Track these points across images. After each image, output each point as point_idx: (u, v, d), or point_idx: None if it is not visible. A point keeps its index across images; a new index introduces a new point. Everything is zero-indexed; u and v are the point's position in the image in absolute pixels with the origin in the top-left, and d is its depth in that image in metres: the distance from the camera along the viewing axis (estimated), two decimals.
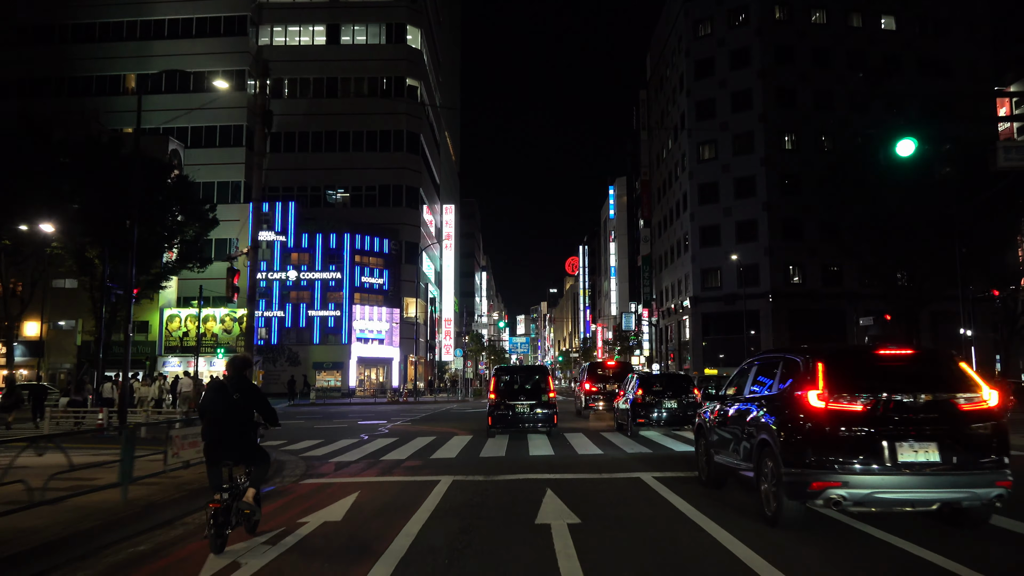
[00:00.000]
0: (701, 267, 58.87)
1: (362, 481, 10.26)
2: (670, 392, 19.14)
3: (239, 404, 6.42)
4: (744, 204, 56.55)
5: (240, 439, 6.46)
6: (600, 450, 14.32)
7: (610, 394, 25.80)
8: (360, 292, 52.56)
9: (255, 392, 6.60)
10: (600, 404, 25.92)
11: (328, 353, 51.23)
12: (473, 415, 28.65)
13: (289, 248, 52.30)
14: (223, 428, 6.41)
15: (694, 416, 18.67)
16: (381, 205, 56.10)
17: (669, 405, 18.93)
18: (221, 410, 6.41)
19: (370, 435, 18.47)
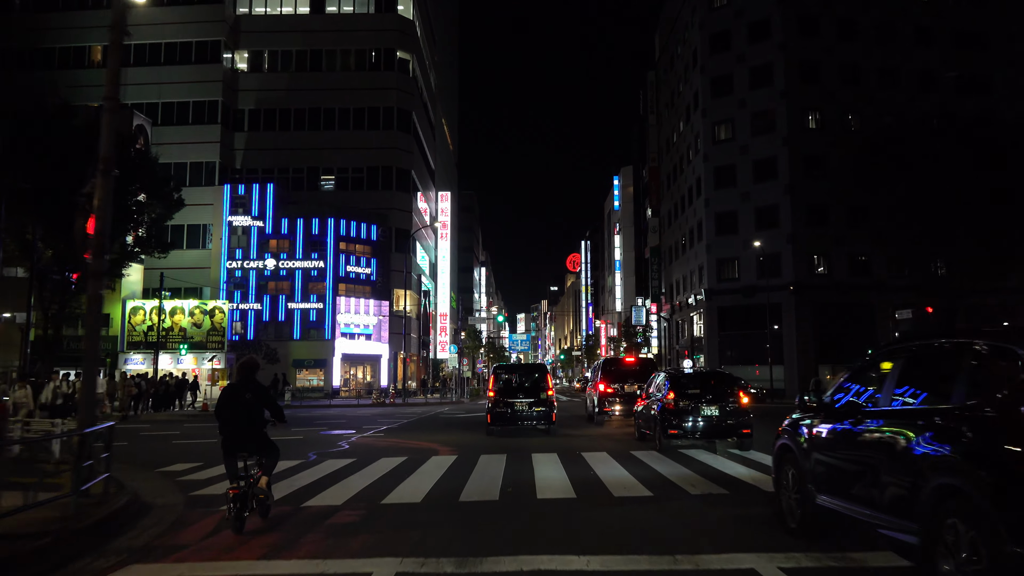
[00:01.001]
0: (717, 257, 54.36)
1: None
2: (709, 395, 14.79)
3: (251, 403, 7.22)
4: (764, 188, 52.12)
5: (253, 433, 7.23)
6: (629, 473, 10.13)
7: (629, 396, 21.34)
8: (345, 283, 47.99)
9: (265, 392, 7.44)
10: (617, 408, 21.40)
11: (309, 349, 46.69)
12: (466, 421, 24.10)
13: (267, 234, 47.73)
14: (238, 424, 7.18)
15: (738, 426, 14.30)
16: (369, 188, 51.52)
17: (708, 412, 14.53)
18: (235, 408, 7.18)
19: (322, 453, 13.89)
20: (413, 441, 16.16)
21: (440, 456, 13.01)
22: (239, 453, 7.18)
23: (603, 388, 21.52)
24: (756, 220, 52.40)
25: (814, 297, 49.78)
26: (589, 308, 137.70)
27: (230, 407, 7.20)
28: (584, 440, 16.71)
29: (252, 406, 7.20)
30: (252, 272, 47.32)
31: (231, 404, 7.20)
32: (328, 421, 23.79)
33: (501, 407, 17.96)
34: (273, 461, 7.45)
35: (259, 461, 7.36)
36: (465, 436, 17.27)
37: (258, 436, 7.26)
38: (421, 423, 23.11)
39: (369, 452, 13.91)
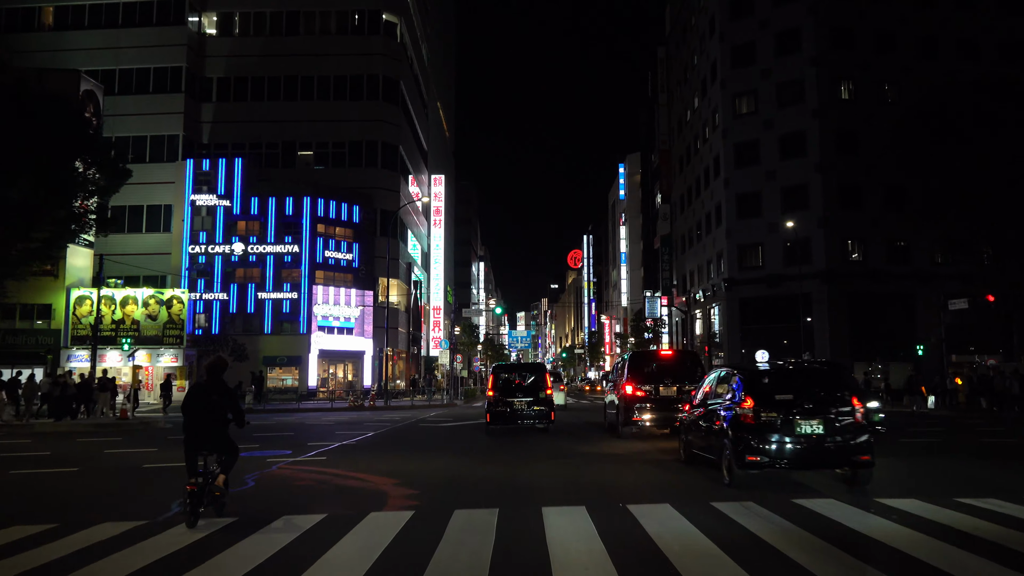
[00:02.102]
0: (738, 243, 49.17)
1: None
2: (807, 403, 9.52)
3: (216, 403, 7.34)
4: (792, 166, 47.00)
5: (215, 433, 7.34)
6: (712, 540, 5.73)
7: (665, 401, 16.07)
8: (323, 270, 42.63)
9: (230, 394, 7.55)
10: (648, 417, 16.06)
11: (283, 345, 41.35)
12: (452, 432, 18.78)
13: (235, 215, 42.36)
14: (202, 423, 7.27)
15: (852, 450, 9.02)
16: (352, 166, 46.16)
17: (808, 428, 9.33)
18: (201, 408, 7.32)
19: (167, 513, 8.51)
20: (360, 474, 10.76)
21: (385, 513, 7.65)
22: (200, 451, 7.34)
23: (631, 391, 16.17)
24: (783, 201, 47.40)
25: (848, 286, 44.80)
26: (592, 304, 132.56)
27: (195, 406, 7.38)
28: (611, 465, 11.47)
29: (216, 407, 7.38)
30: (218, 258, 41.96)
31: (197, 403, 7.39)
32: (272, 434, 18.47)
33: (500, 406, 18.00)
34: (232, 460, 7.60)
35: (219, 459, 7.50)
36: (440, 463, 11.94)
37: (220, 436, 7.44)
38: (393, 436, 17.78)
39: (272, 501, 8.56)
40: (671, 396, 16.24)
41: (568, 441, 15.98)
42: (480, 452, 13.58)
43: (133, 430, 20.23)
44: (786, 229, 45.92)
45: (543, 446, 14.80)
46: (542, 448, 14.39)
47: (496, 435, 17.64)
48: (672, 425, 16.19)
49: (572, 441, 16.02)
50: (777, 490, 9.00)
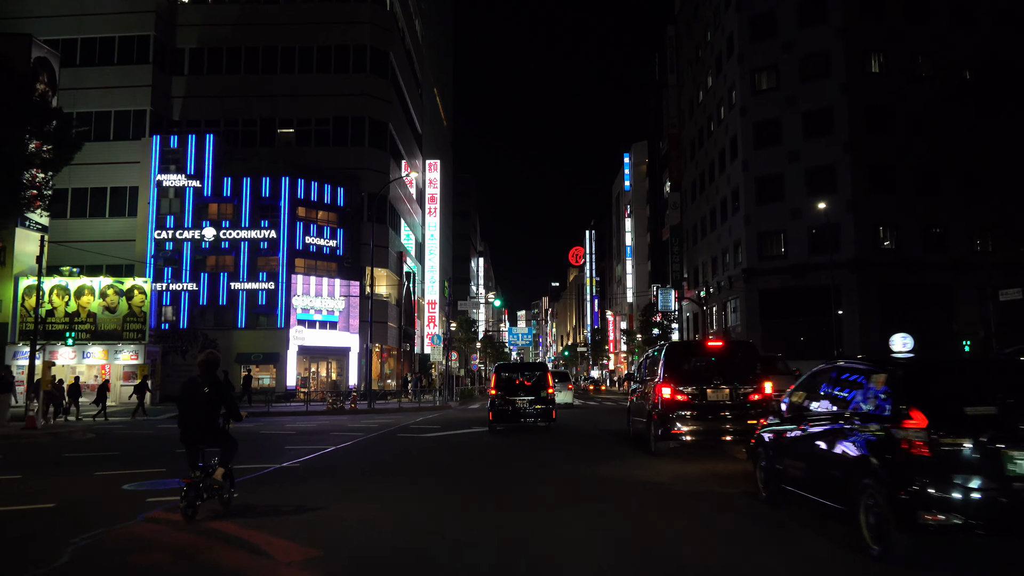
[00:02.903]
0: (758, 231, 45.25)
1: None
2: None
3: (209, 397, 7.42)
4: (817, 146, 43.16)
5: (210, 426, 7.45)
6: None
7: (714, 408, 12.14)
8: (304, 257, 38.64)
9: (223, 388, 7.60)
10: (691, 429, 12.09)
11: (258, 340, 37.35)
12: (434, 448, 14.75)
13: (206, 197, 38.37)
14: (196, 417, 7.36)
15: None
16: (337, 144, 42.15)
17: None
18: (194, 402, 7.40)
19: None
20: (262, 535, 6.60)
21: None
22: (197, 445, 7.41)
23: (669, 394, 12.17)
24: (807, 184, 43.50)
25: (880, 277, 40.92)
26: (595, 301, 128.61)
27: (188, 401, 7.46)
28: (657, 512, 7.38)
29: (209, 401, 7.43)
30: (186, 244, 37.94)
31: (190, 398, 7.46)
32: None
33: (503, 405, 18.17)
34: (231, 453, 7.64)
35: (218, 453, 7.60)
36: (401, 509, 7.88)
37: (214, 430, 7.50)
38: (356, 454, 13.78)
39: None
40: (722, 401, 12.27)
41: (585, 459, 12.04)
42: (465, 484, 9.62)
43: (19, 444, 16.15)
44: (811, 214, 42.17)
45: (554, 470, 10.86)
46: (553, 473, 10.44)
47: (492, 449, 13.79)
48: (718, 439, 12.25)
49: (590, 459, 12.06)
50: None
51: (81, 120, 39.06)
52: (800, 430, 7.13)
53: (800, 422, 7.16)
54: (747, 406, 12.24)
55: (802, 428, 7.11)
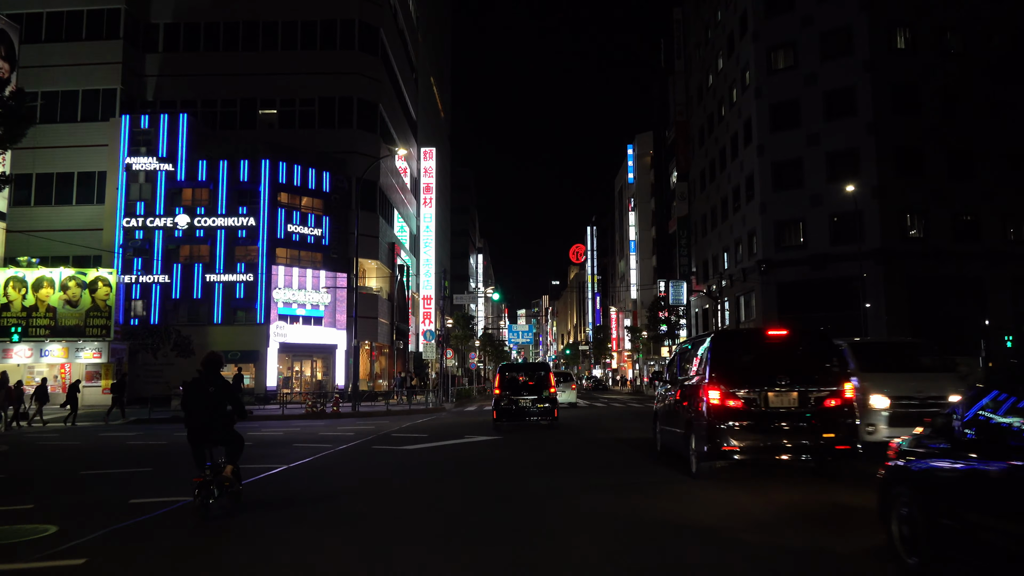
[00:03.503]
0: (775, 219, 42.44)
1: None
2: None
3: (215, 396, 7.46)
4: (839, 128, 40.43)
5: (217, 425, 7.47)
6: None
7: (779, 416, 9.20)
8: (286, 247, 35.65)
9: (228, 386, 7.68)
10: (745, 445, 9.11)
11: (235, 337, 34.35)
12: (411, 467, 11.67)
13: (179, 182, 35.36)
14: (202, 416, 7.42)
15: None
16: (323, 126, 39.15)
17: None
18: (200, 401, 7.45)
19: None
20: None
21: None
22: (204, 444, 7.44)
23: (718, 398, 9.20)
24: (829, 169, 40.76)
25: (907, 268, 38.16)
26: (597, 299, 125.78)
27: (194, 400, 7.50)
28: None
29: (215, 400, 7.48)
30: (158, 233, 34.92)
31: (195, 397, 7.50)
32: (114, 471, 11.46)
33: (507, 404, 18.50)
34: (238, 451, 7.71)
35: (224, 451, 7.63)
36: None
37: (221, 428, 7.55)
38: (313, 475, 10.78)
39: None
40: (787, 408, 9.30)
41: (611, 487, 9.05)
42: (437, 531, 6.62)
43: None
44: (833, 201, 39.41)
45: (572, 504, 7.84)
46: (571, 511, 7.44)
47: (486, 470, 10.80)
48: (782, 458, 9.29)
49: (617, 486, 9.07)
50: None
51: (47, 100, 36.20)
52: (1006, 465, 4.16)
53: (1004, 453, 4.20)
54: (822, 414, 9.28)
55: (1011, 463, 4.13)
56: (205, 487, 7.11)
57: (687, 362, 11.41)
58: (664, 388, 12.87)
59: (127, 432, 19.55)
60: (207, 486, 7.13)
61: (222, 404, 7.50)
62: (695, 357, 10.84)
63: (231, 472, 7.51)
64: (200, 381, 7.53)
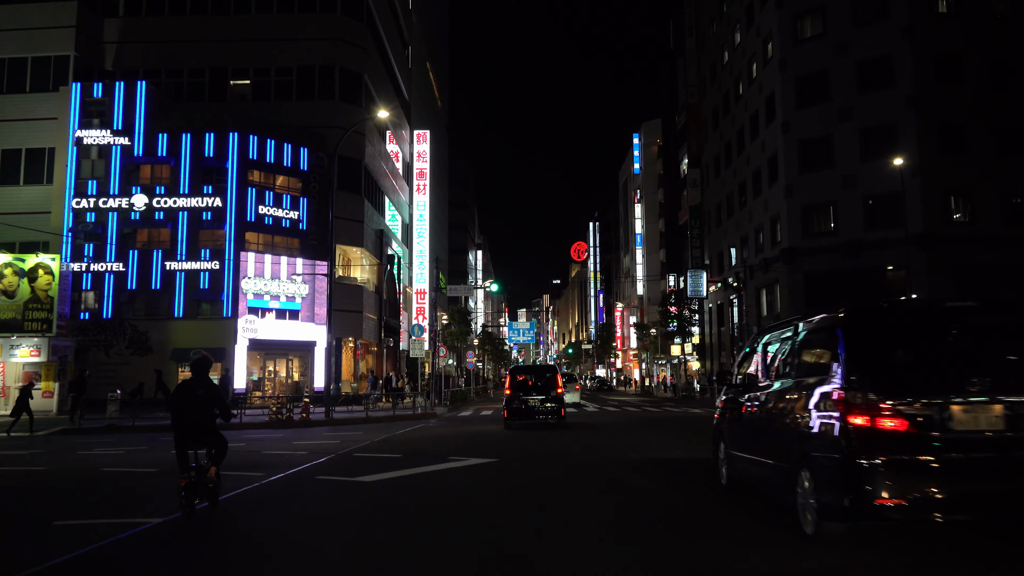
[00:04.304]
0: (802, 203, 38.59)
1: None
2: None
3: (202, 399, 7.50)
4: (874, 100, 36.60)
5: (203, 427, 7.53)
6: None
7: (974, 445, 5.09)
8: (257, 231, 31.66)
9: (215, 390, 7.77)
10: (918, 497, 5.14)
11: (199, 333, 30.33)
12: (341, 534, 7.78)
13: (137, 157, 31.36)
14: (189, 419, 7.43)
15: None
16: (301, 98, 35.13)
17: None
18: (187, 404, 7.46)
19: None
20: None
21: None
22: (191, 445, 7.50)
23: (863, 415, 5.29)
24: (863, 147, 36.93)
25: (953, 255, 34.23)
26: (600, 296, 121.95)
27: (183, 402, 7.51)
28: None
29: (203, 403, 7.51)
30: (112, 215, 30.89)
31: (184, 400, 7.51)
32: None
33: (517, 403, 19.77)
34: (222, 453, 7.78)
35: (209, 453, 7.70)
36: None
37: (208, 431, 7.59)
38: (151, 553, 6.81)
39: None
40: (988, 431, 5.36)
41: (666, 560, 5.13)
42: None
43: None
44: (868, 182, 35.58)
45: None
46: None
47: (469, 529, 6.80)
48: (974, 514, 5.35)
49: (674, 557, 5.16)
50: None
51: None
52: None
53: None
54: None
55: None
56: (191, 488, 7.15)
57: (781, 356, 7.42)
58: (733, 394, 8.87)
59: (108, 447, 15.51)
60: (193, 488, 7.17)
61: (209, 407, 7.56)
62: (797, 348, 6.86)
63: (214, 473, 7.59)
64: (190, 384, 7.61)
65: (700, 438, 16.57)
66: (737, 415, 8.57)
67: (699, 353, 55.42)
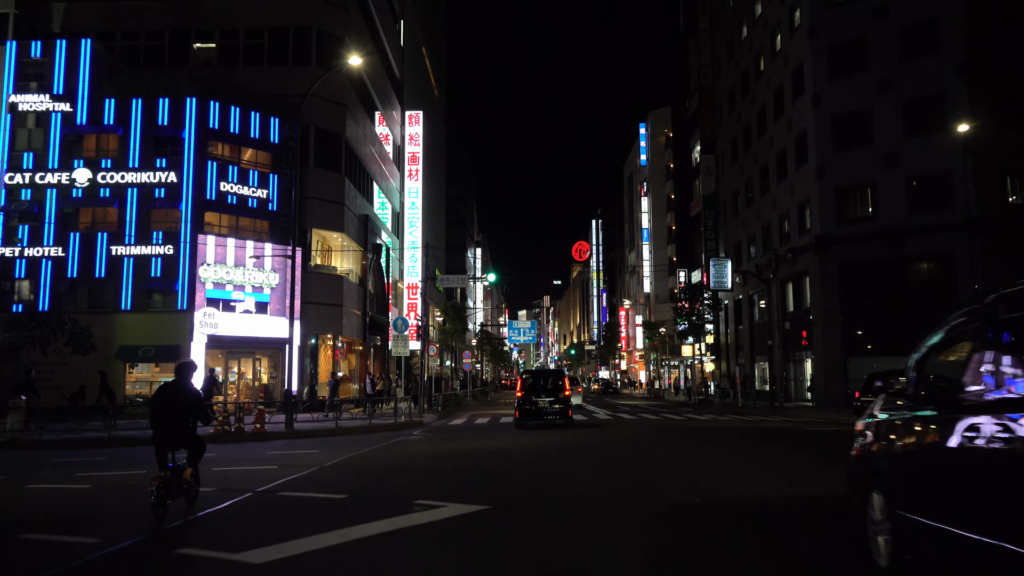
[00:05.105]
0: (836, 185, 34.68)
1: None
2: None
3: (181, 403, 7.80)
4: (919, 69, 32.77)
5: (181, 430, 7.80)
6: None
7: None
8: (219, 211, 27.58)
9: (195, 395, 8.01)
10: None
11: (150, 328, 26.28)
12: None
13: (79, 126, 27.27)
14: (168, 421, 7.70)
15: None
16: (273, 63, 31.05)
17: None
18: (167, 407, 7.76)
19: None
20: None
21: None
22: (168, 446, 7.72)
23: None
24: (906, 121, 33.05)
25: (1011, 241, 30.33)
26: (603, 296, 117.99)
27: (162, 405, 7.78)
28: None
29: (181, 405, 7.79)
30: (50, 192, 26.76)
31: (163, 402, 7.79)
32: None
33: (528, 405, 21.24)
34: (199, 455, 8.06)
35: (187, 454, 7.97)
36: None
37: (185, 433, 7.84)
38: None
39: None
40: None
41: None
42: None
43: None
44: (912, 161, 31.68)
45: None
46: None
47: None
48: None
49: None
50: None
51: None
52: None
53: None
54: None
55: None
56: (165, 487, 7.29)
57: None
58: (920, 411, 4.81)
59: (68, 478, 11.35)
60: (167, 486, 7.32)
61: (187, 411, 7.81)
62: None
63: (190, 475, 7.87)
64: (171, 386, 7.86)
65: (764, 459, 12.56)
66: (931, 452, 4.48)
67: (714, 353, 51.36)
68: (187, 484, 7.78)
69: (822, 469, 10.80)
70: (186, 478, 7.76)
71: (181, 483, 7.65)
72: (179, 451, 7.85)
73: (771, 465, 11.72)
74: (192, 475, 7.89)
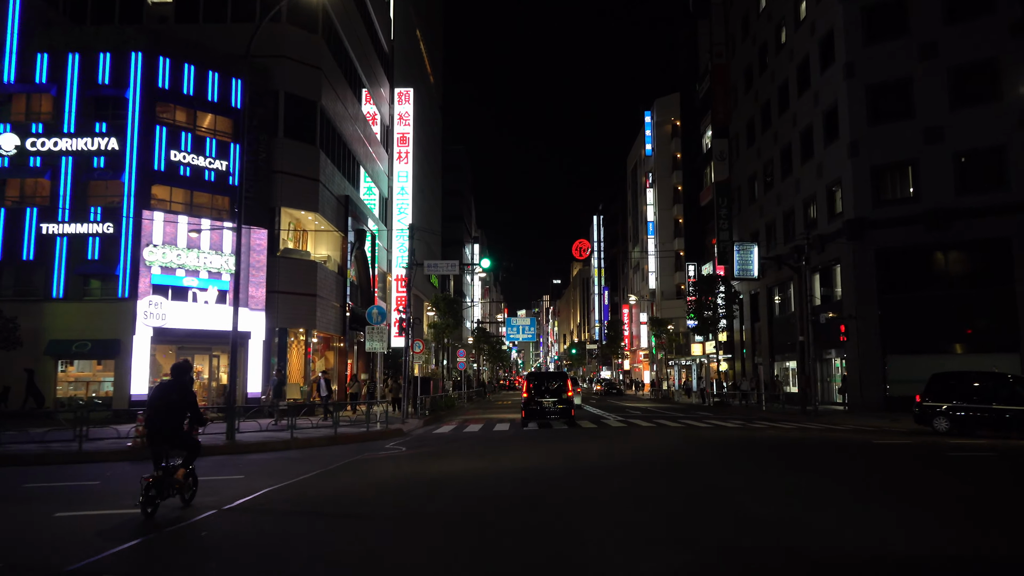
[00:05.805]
0: (872, 163, 31.01)
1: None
2: None
3: (176, 403, 7.90)
4: (966, 32, 29.31)
5: (175, 430, 7.92)
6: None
7: None
8: (169, 185, 23.88)
9: (189, 396, 8.05)
10: None
11: (87, 319, 22.58)
12: None
13: (7, 84, 23.54)
14: (162, 421, 7.82)
15: None
16: (237, 20, 27.33)
17: None
18: (162, 406, 7.87)
19: None
20: None
21: None
22: (162, 445, 7.86)
23: None
24: (952, 91, 29.47)
25: None
26: (605, 293, 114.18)
27: (156, 404, 7.91)
28: None
29: (175, 406, 7.87)
30: None
31: (158, 401, 7.92)
32: None
33: (533, 405, 22.32)
34: (193, 456, 8.17)
35: (180, 454, 8.07)
36: None
37: (178, 433, 7.95)
38: None
39: None
40: None
41: None
42: None
43: None
44: (959, 135, 28.06)
45: None
46: None
47: None
48: None
49: None
50: None
51: None
52: None
53: None
54: None
55: None
56: (155, 487, 7.41)
57: None
58: None
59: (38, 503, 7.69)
60: (157, 485, 7.45)
61: (181, 410, 7.89)
62: None
63: (183, 475, 7.94)
64: (166, 387, 7.97)
65: (881, 493, 8.52)
66: None
67: (727, 352, 47.65)
68: (179, 484, 7.91)
69: (989, 512, 7.10)
70: (178, 478, 7.88)
71: (173, 483, 7.78)
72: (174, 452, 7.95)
73: (888, 506, 8.01)
74: (186, 475, 8.03)
